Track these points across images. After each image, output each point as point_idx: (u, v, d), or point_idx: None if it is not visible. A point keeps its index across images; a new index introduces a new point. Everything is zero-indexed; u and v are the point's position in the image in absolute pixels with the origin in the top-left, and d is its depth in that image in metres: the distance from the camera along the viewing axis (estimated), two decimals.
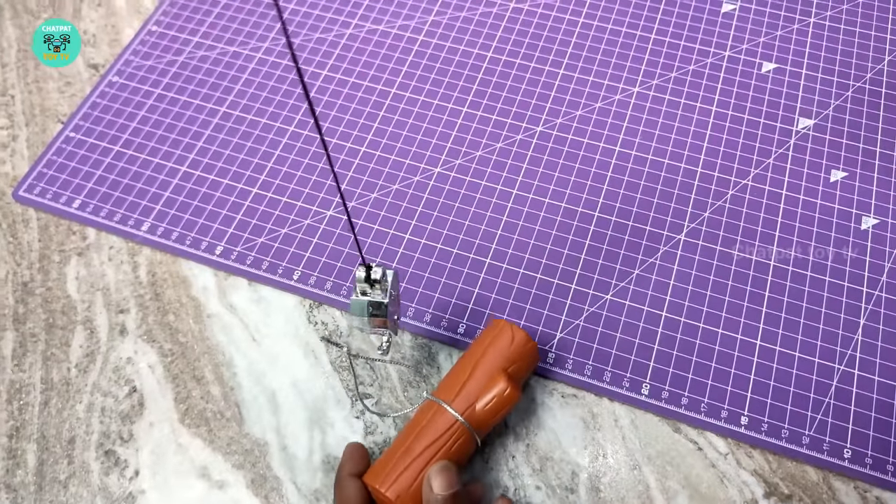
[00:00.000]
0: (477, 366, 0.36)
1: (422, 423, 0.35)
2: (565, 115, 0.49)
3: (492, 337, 0.37)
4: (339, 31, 0.53)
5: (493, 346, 0.36)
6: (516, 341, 0.36)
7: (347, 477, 0.35)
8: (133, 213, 0.45)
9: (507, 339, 0.37)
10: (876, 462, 0.37)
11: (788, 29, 0.52)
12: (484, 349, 0.36)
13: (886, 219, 0.44)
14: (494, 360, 0.36)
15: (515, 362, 0.36)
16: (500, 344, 0.36)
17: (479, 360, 0.36)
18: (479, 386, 0.35)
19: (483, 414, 0.35)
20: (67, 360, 0.41)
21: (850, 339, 0.40)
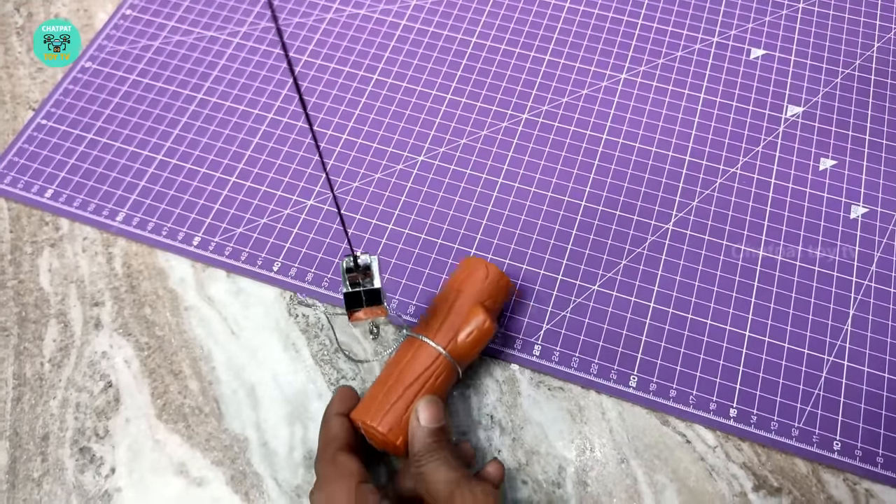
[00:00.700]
0: (455, 301, 0.37)
1: (406, 358, 0.36)
2: (551, 101, 0.48)
3: (466, 273, 0.38)
4: (320, 16, 0.52)
5: (469, 282, 0.38)
6: (490, 276, 0.38)
7: (335, 416, 0.35)
8: (108, 202, 0.44)
9: (481, 274, 0.38)
10: (865, 454, 0.36)
11: (777, 15, 0.52)
12: (460, 285, 0.38)
13: (875, 207, 0.44)
14: (471, 295, 0.37)
15: (491, 296, 0.38)
16: (476, 279, 0.38)
17: (457, 296, 0.37)
18: (459, 320, 0.36)
19: (464, 346, 0.36)
20: (40, 354, 0.40)
21: (840, 330, 0.40)
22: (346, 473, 0.32)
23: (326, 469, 0.33)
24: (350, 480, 0.32)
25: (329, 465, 0.33)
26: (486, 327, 0.36)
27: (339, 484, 0.32)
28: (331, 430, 0.34)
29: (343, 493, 0.32)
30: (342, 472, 0.32)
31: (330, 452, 0.34)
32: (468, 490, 0.31)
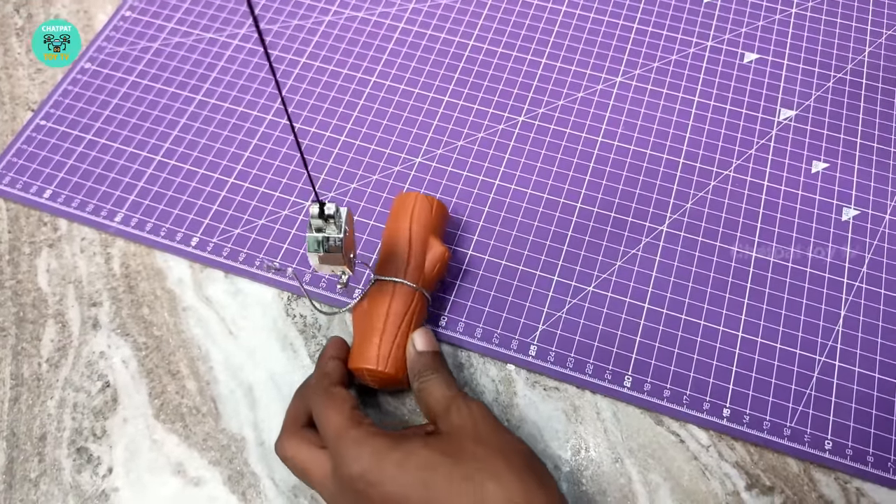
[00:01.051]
0: (412, 239, 0.39)
1: (388, 302, 0.37)
2: (547, 104, 0.48)
3: (411, 209, 0.40)
4: (318, 18, 0.52)
5: (418, 217, 0.40)
6: (435, 208, 0.40)
7: (330, 358, 0.37)
8: (106, 203, 0.44)
9: (426, 207, 0.40)
10: (856, 453, 0.37)
11: (770, 19, 0.52)
12: (410, 223, 0.39)
13: (866, 210, 0.44)
14: (424, 229, 0.39)
15: (439, 226, 0.40)
16: (422, 213, 0.40)
17: (412, 234, 0.39)
18: (421, 256, 0.39)
19: (431, 278, 0.39)
20: (38, 354, 0.40)
21: (832, 331, 0.40)
22: (340, 401, 0.34)
23: (319, 399, 0.34)
24: (344, 405, 0.33)
25: (323, 395, 0.34)
26: (446, 256, 0.39)
27: (334, 410, 0.33)
28: (325, 367, 0.36)
29: (338, 416, 0.32)
30: (336, 400, 0.34)
31: (323, 386, 0.35)
32: (464, 404, 0.33)
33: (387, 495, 0.29)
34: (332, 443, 0.32)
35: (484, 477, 0.29)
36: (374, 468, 0.30)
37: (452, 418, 0.32)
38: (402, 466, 0.30)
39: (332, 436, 0.32)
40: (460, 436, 0.31)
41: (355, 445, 0.31)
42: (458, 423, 0.32)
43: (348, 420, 0.32)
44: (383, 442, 0.31)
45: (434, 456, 0.30)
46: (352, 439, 0.31)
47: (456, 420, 0.32)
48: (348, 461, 0.31)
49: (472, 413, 0.32)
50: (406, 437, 0.31)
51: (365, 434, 0.31)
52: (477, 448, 0.30)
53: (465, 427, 0.31)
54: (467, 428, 0.31)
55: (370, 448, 0.30)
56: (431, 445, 0.31)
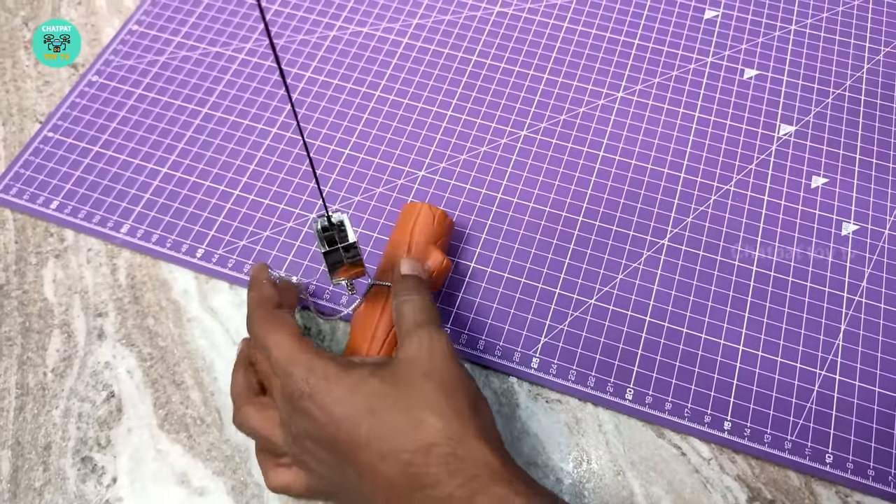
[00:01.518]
0: (411, 247, 0.39)
1: (380, 306, 0.38)
2: (549, 119, 0.49)
3: (414, 219, 0.40)
4: (323, 33, 0.53)
5: (419, 227, 0.40)
6: (437, 218, 0.40)
7: (264, 282, 0.37)
8: (112, 214, 0.45)
9: (429, 218, 0.40)
10: (857, 467, 0.37)
11: (770, 36, 0.53)
12: (411, 231, 0.40)
13: (866, 225, 0.45)
14: (425, 239, 0.40)
15: (442, 236, 0.41)
16: (425, 224, 0.40)
17: (412, 242, 0.39)
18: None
19: (428, 286, 0.38)
20: (44, 364, 0.41)
21: (832, 345, 0.41)
22: (286, 325, 0.33)
23: (264, 323, 0.34)
24: (292, 329, 0.33)
25: (268, 318, 0.34)
26: (445, 265, 0.39)
27: (282, 333, 0.33)
28: (263, 291, 0.35)
29: (287, 339, 0.32)
30: (283, 324, 0.33)
31: (267, 309, 0.34)
32: (426, 335, 0.32)
33: (333, 416, 0.30)
34: (281, 365, 0.32)
35: (424, 410, 0.29)
36: (324, 390, 0.30)
37: (411, 347, 0.32)
38: (351, 391, 0.30)
39: (281, 359, 0.32)
40: (412, 367, 0.31)
41: (306, 369, 0.31)
42: (413, 353, 0.32)
43: (298, 343, 0.32)
44: (333, 367, 0.31)
45: (382, 385, 0.30)
46: (302, 363, 0.31)
47: (413, 350, 0.32)
48: (298, 382, 0.31)
49: (431, 345, 0.32)
50: (355, 365, 0.32)
51: (315, 357, 0.31)
52: (424, 381, 0.30)
53: (420, 358, 0.32)
54: (422, 359, 0.31)
55: (321, 372, 0.31)
56: (380, 375, 0.31)
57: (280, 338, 0.32)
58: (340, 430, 0.30)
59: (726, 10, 0.54)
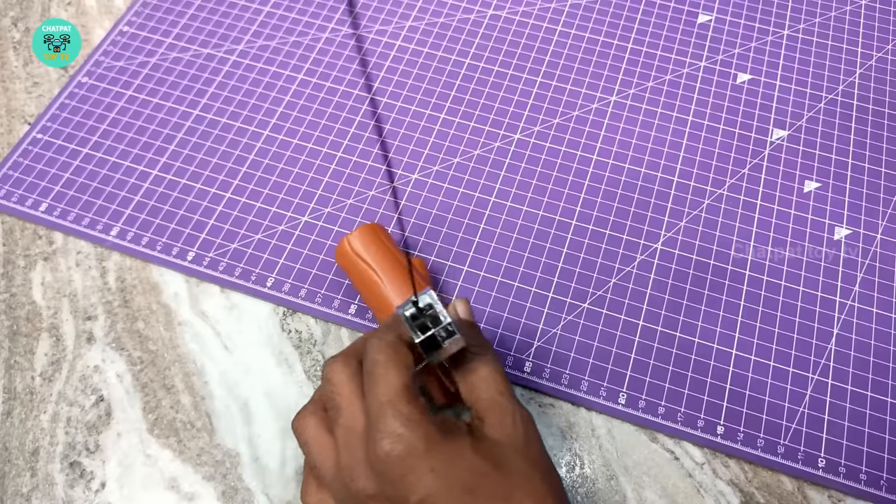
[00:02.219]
0: (375, 269, 0.39)
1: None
2: (542, 122, 0.49)
3: (382, 237, 0.40)
4: (315, 36, 0.52)
5: (390, 247, 0.40)
6: (381, 234, 0.40)
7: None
8: (102, 217, 0.44)
9: (384, 233, 0.40)
10: (849, 471, 0.37)
11: (763, 41, 0.53)
12: (389, 247, 0.39)
13: (858, 229, 0.45)
14: (388, 256, 0.39)
15: (394, 246, 0.40)
16: (387, 237, 0.40)
17: (371, 266, 0.39)
18: (392, 275, 0.38)
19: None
20: (32, 368, 0.40)
21: (824, 349, 0.41)
22: (403, 364, 0.29)
23: (381, 349, 0.30)
24: (406, 371, 0.29)
25: (387, 347, 0.30)
26: (415, 262, 0.40)
27: (394, 370, 0.29)
28: (397, 321, 0.31)
29: (397, 380, 0.28)
30: (400, 360, 0.29)
31: (391, 338, 0.30)
32: (518, 412, 0.30)
33: (423, 485, 0.26)
34: (376, 406, 0.28)
35: (525, 497, 0.27)
36: (420, 454, 0.27)
37: (505, 423, 0.29)
38: (451, 463, 0.27)
39: (380, 398, 0.28)
40: (511, 448, 0.29)
41: (404, 423, 0.27)
42: (509, 431, 0.29)
43: (405, 390, 0.28)
44: (434, 431, 0.27)
45: (484, 464, 0.27)
46: (403, 415, 0.27)
47: (508, 427, 0.29)
48: (390, 437, 0.27)
49: (526, 426, 0.30)
50: (455, 433, 0.28)
51: (417, 414, 0.28)
52: (525, 467, 0.28)
53: (517, 439, 0.29)
54: (518, 440, 0.29)
55: (422, 432, 0.27)
56: (481, 451, 0.28)
57: (391, 374, 0.29)
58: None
59: (719, 15, 0.54)
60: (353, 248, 0.39)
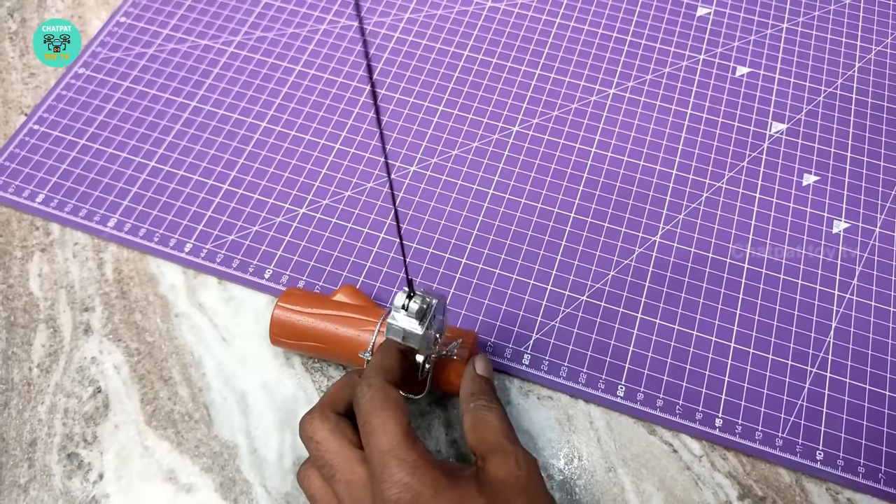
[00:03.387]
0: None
1: None
2: (541, 115, 0.49)
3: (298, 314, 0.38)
4: (314, 27, 0.52)
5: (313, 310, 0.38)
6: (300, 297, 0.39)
7: (396, 351, 0.33)
8: (99, 208, 0.44)
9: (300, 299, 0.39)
10: (847, 464, 0.37)
11: (762, 34, 0.53)
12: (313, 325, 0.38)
13: (857, 223, 0.45)
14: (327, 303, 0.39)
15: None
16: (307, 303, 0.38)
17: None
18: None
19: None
20: (29, 359, 0.40)
21: (822, 342, 0.41)
22: (398, 410, 0.30)
23: (374, 398, 0.30)
24: (403, 417, 0.30)
25: (379, 395, 0.30)
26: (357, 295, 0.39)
27: (391, 419, 0.29)
28: (387, 359, 0.33)
29: (395, 428, 0.29)
30: (395, 408, 0.30)
31: (381, 383, 0.31)
32: (522, 456, 0.31)
33: None
34: (378, 456, 0.29)
35: None
36: (431, 501, 0.27)
37: (509, 467, 0.30)
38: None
39: (382, 448, 0.29)
40: (514, 488, 0.29)
41: (410, 471, 0.28)
42: (513, 474, 0.30)
43: (405, 436, 0.29)
44: (440, 476, 0.28)
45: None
46: (407, 463, 0.28)
47: (512, 470, 0.30)
48: (396, 486, 0.28)
49: (529, 470, 0.30)
50: (460, 477, 0.29)
51: (421, 460, 0.28)
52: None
53: (520, 480, 0.30)
54: (522, 482, 0.30)
55: (428, 479, 0.28)
56: (487, 494, 0.29)
57: (389, 422, 0.29)
58: None
59: (718, 8, 0.54)
60: (282, 339, 0.38)
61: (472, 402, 0.33)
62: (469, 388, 0.34)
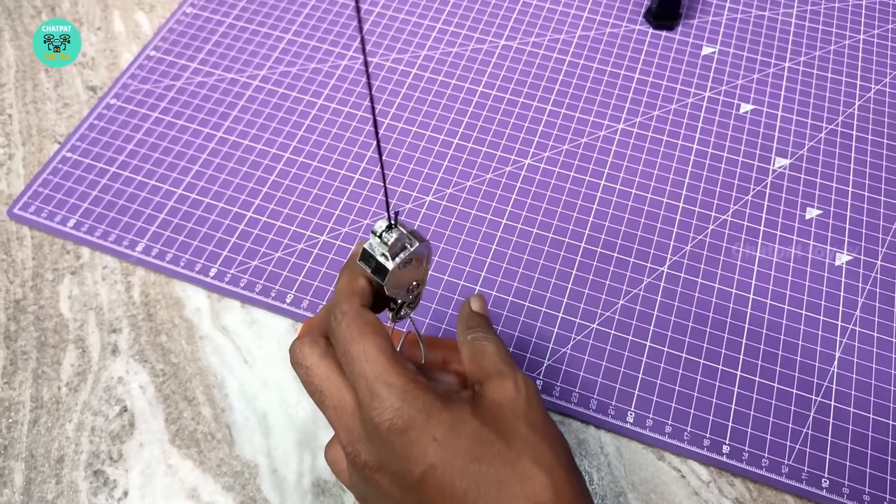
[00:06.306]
0: None
1: None
2: (552, 148, 0.51)
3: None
4: (335, 63, 0.54)
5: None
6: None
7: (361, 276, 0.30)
8: (128, 233, 0.46)
9: None
10: (853, 492, 0.38)
11: (765, 72, 0.55)
12: None
13: (859, 255, 0.46)
14: None
15: None
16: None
17: None
18: None
19: None
20: (58, 378, 0.41)
21: (827, 372, 0.42)
22: (378, 333, 0.28)
23: (350, 324, 0.28)
24: (384, 339, 0.28)
25: (356, 319, 0.28)
26: None
27: (372, 343, 0.27)
28: (356, 285, 0.30)
29: (377, 353, 0.27)
30: (374, 331, 0.28)
31: (356, 309, 0.29)
32: (521, 379, 0.29)
33: (427, 457, 0.26)
34: (364, 385, 0.27)
35: (532, 465, 0.26)
36: (422, 425, 0.26)
37: (505, 389, 0.28)
38: (453, 430, 0.26)
39: (367, 376, 0.27)
40: (512, 412, 0.28)
41: (400, 395, 0.26)
42: (510, 397, 0.28)
43: (390, 360, 0.27)
44: (432, 398, 0.27)
45: (484, 430, 0.27)
46: (396, 387, 0.26)
47: (509, 393, 0.28)
48: (387, 410, 0.26)
49: (528, 392, 0.29)
50: (453, 399, 0.28)
51: (411, 383, 0.27)
52: (528, 431, 0.27)
53: (519, 403, 0.28)
54: (520, 405, 0.28)
55: (420, 402, 0.26)
56: (481, 416, 0.27)
57: (369, 348, 0.27)
58: (433, 476, 0.25)
59: (723, 48, 0.56)
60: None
61: (470, 335, 0.32)
62: (465, 323, 0.34)
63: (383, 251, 0.28)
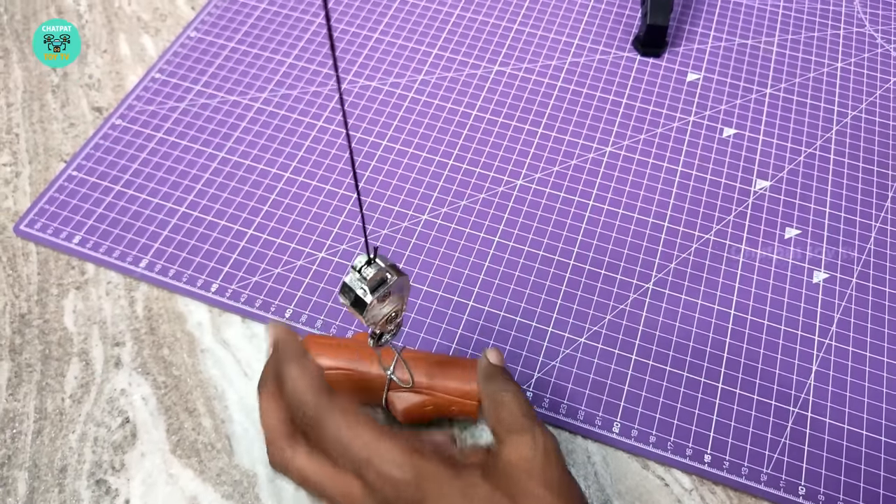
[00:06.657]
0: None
1: None
2: (543, 170, 0.53)
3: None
4: (335, 86, 0.56)
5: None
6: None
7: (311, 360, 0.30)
8: (132, 250, 0.47)
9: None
10: (828, 499, 0.40)
11: (747, 98, 0.57)
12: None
13: (835, 273, 0.48)
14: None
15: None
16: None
17: None
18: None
19: None
20: (62, 390, 0.43)
21: (804, 384, 0.44)
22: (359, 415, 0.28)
23: (333, 417, 0.28)
24: (367, 419, 0.28)
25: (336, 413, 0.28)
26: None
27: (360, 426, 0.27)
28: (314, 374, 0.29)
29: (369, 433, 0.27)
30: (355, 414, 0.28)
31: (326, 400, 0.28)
32: (540, 435, 0.29)
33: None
34: (370, 465, 0.27)
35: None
36: (436, 496, 0.26)
37: (522, 448, 0.29)
38: (465, 496, 0.26)
39: (370, 457, 0.27)
40: (527, 472, 0.28)
41: (409, 470, 0.26)
42: (527, 455, 0.29)
43: (386, 437, 0.27)
44: (440, 467, 0.27)
45: (496, 494, 0.27)
46: (404, 464, 0.26)
47: (525, 451, 0.29)
48: (400, 487, 0.26)
49: (546, 449, 0.29)
50: (462, 465, 0.28)
51: (416, 455, 0.27)
52: (544, 492, 0.27)
53: (535, 463, 0.28)
54: (536, 464, 0.28)
55: (432, 474, 0.26)
56: (493, 479, 0.27)
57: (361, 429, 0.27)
58: None
59: (707, 74, 0.59)
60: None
61: (490, 387, 0.33)
62: (485, 375, 0.34)
63: (362, 285, 0.29)
